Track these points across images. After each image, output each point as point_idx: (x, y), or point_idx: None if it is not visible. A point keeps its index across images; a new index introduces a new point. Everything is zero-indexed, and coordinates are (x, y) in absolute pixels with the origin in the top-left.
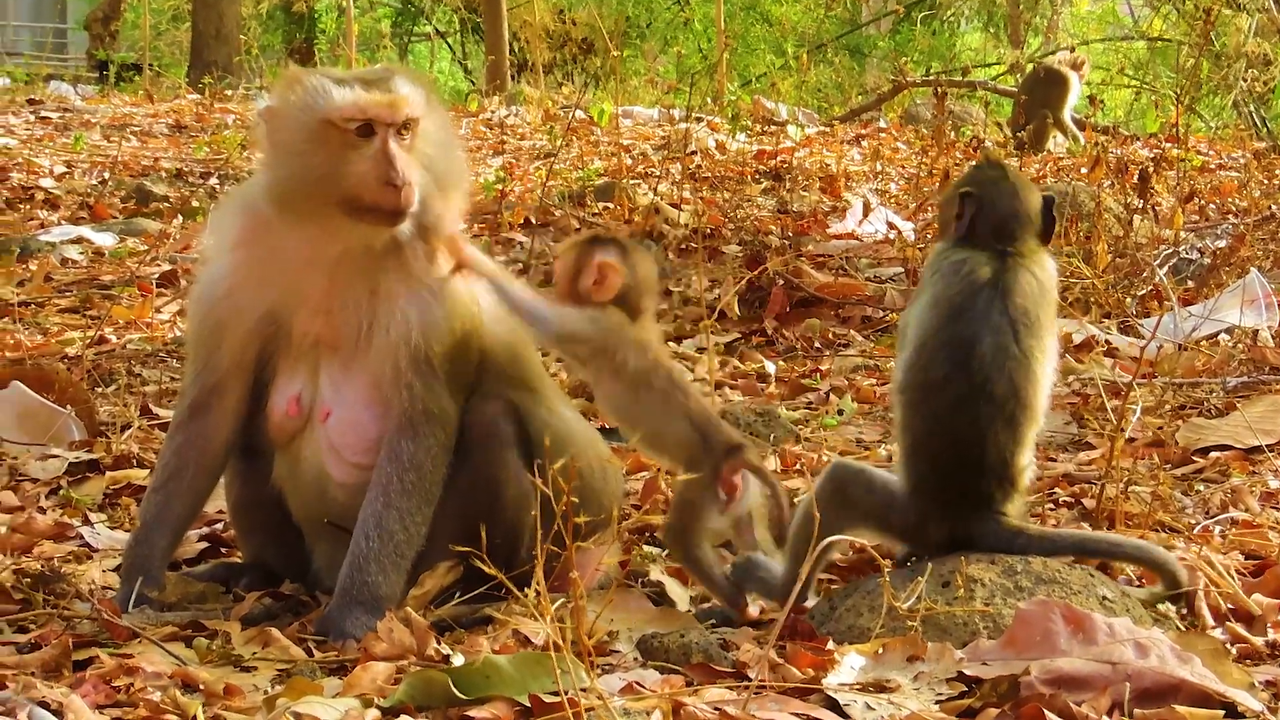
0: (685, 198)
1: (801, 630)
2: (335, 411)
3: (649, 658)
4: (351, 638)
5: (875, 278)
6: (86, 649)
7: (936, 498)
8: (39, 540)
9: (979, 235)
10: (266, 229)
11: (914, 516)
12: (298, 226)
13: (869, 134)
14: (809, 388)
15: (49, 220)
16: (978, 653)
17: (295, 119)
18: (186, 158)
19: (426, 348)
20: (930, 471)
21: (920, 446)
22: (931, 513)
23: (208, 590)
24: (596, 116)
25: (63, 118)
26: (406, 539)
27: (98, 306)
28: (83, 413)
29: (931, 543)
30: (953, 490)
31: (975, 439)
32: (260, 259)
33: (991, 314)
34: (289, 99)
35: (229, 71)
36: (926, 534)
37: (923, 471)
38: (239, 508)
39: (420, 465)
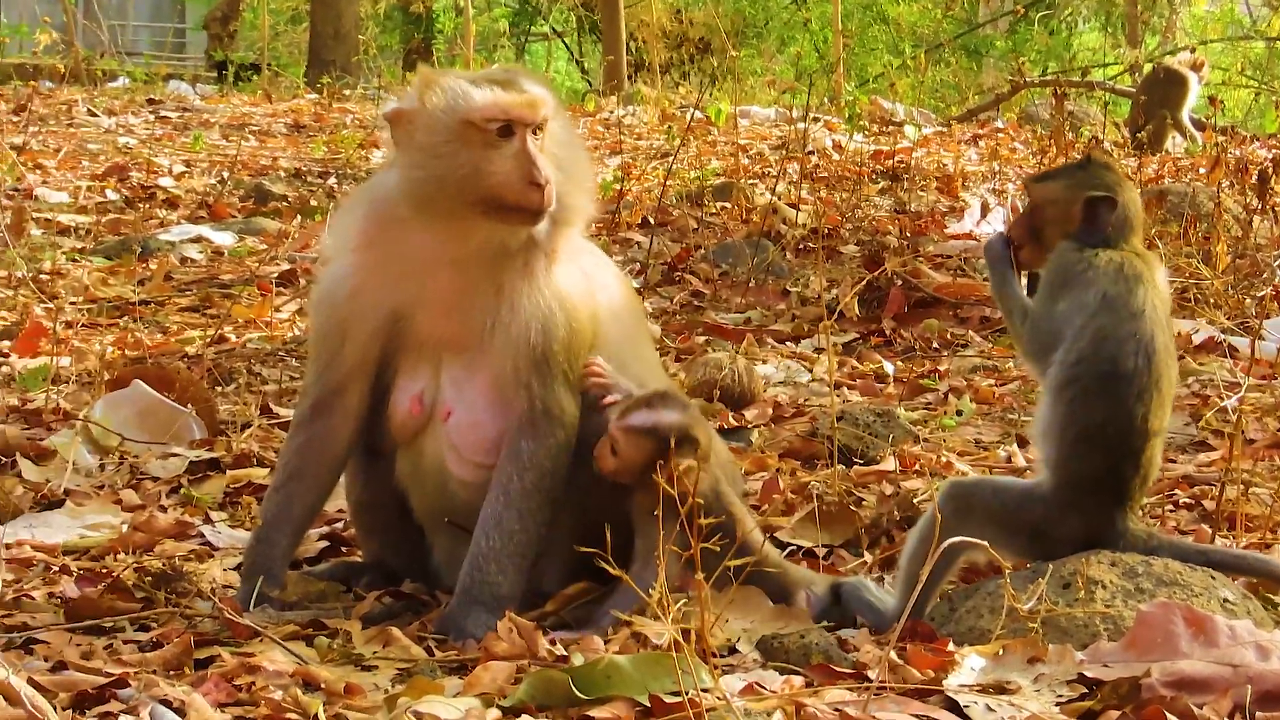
0: (803, 198)
1: (922, 631)
2: (456, 411)
3: (769, 658)
4: (472, 637)
5: None
6: (208, 647)
7: (1086, 490)
8: (160, 539)
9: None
10: (393, 229)
11: (1054, 511)
12: (430, 226)
13: (986, 134)
14: (927, 388)
15: (169, 219)
16: (1098, 654)
17: (434, 120)
18: (304, 157)
19: (546, 347)
20: (1090, 463)
21: (1090, 437)
22: (1074, 506)
23: (328, 589)
24: (714, 116)
25: (182, 117)
26: (527, 539)
27: (217, 305)
28: (203, 411)
29: (1062, 540)
30: (1106, 483)
31: (1144, 432)
32: (386, 259)
33: (1158, 313)
34: (426, 100)
35: (347, 71)
36: (1059, 531)
37: (1081, 463)
38: (359, 507)
39: (541, 465)
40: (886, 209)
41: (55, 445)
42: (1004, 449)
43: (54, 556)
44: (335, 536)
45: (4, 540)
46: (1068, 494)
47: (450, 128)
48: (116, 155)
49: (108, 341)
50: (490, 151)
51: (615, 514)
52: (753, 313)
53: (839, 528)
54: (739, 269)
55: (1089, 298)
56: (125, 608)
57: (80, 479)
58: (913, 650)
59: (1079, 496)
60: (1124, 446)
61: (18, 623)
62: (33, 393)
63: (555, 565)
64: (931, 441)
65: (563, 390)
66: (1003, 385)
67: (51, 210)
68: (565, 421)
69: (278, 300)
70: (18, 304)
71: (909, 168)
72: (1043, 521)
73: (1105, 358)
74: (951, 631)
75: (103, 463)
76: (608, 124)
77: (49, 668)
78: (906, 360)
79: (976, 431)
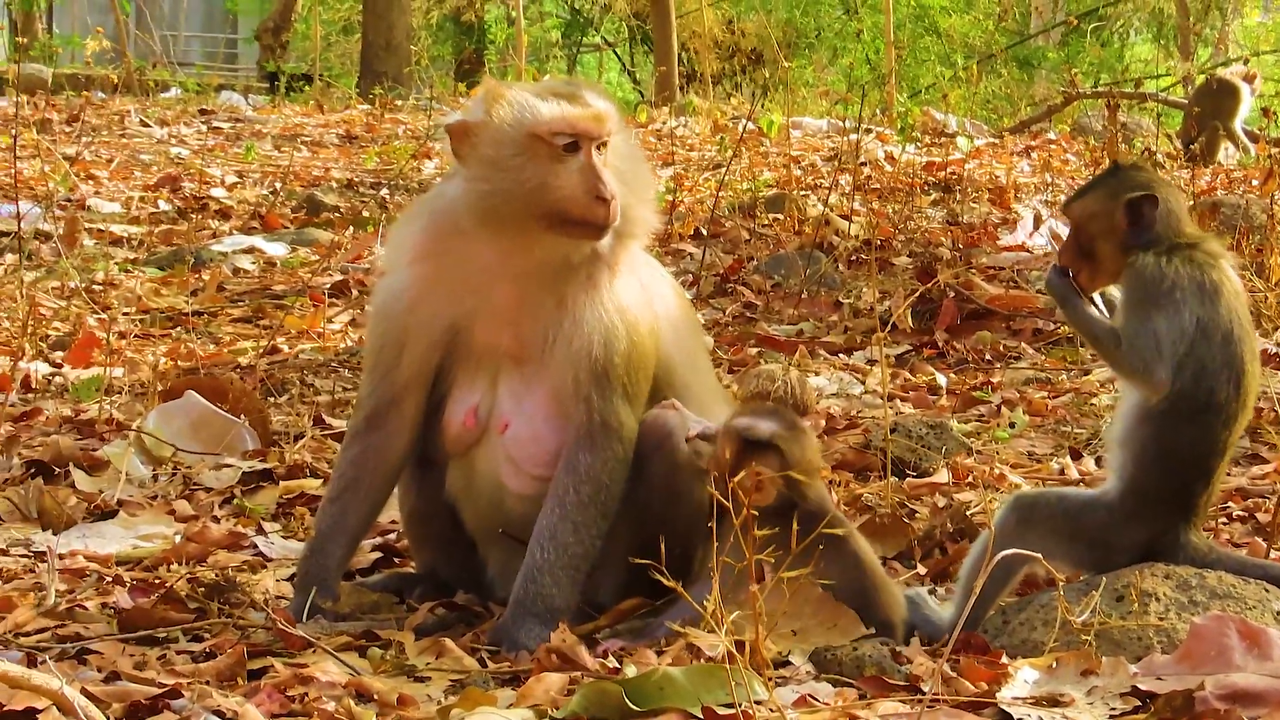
0: (855, 209)
1: (975, 644)
2: (514, 424)
3: (822, 670)
4: (525, 648)
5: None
6: (261, 658)
7: (1153, 502)
8: (213, 549)
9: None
10: (453, 241)
11: (1117, 518)
12: (494, 239)
13: (1039, 145)
14: (980, 400)
15: (221, 230)
16: (1152, 667)
17: (501, 133)
18: (357, 168)
19: (607, 360)
20: (1164, 479)
21: (1170, 456)
22: (1138, 517)
23: (381, 600)
24: (766, 127)
25: (234, 128)
26: (582, 551)
27: (270, 316)
28: (256, 422)
29: (1123, 549)
30: (1174, 497)
31: (1223, 452)
32: (446, 271)
33: (1242, 321)
34: (493, 113)
35: (399, 82)
36: (1121, 540)
37: (1154, 478)
38: (413, 518)
39: (597, 478)
40: (939, 220)
41: (108, 456)
42: (1057, 461)
43: (107, 567)
44: (388, 548)
45: (57, 550)
46: (1133, 504)
47: (517, 141)
48: (169, 166)
49: (161, 352)
50: (556, 165)
51: (671, 527)
52: (805, 324)
53: (892, 540)
54: (791, 280)
55: (1184, 322)
56: (178, 618)
57: (133, 489)
58: (966, 662)
59: (1144, 507)
60: (1201, 466)
61: (71, 633)
62: (86, 403)
63: (610, 578)
64: (985, 454)
65: (621, 404)
66: (1056, 397)
67: (104, 221)
68: (623, 435)
69: (330, 311)
70: (71, 315)
71: (961, 179)
72: (1105, 529)
73: (1203, 390)
74: (1005, 644)
75: (156, 473)
76: (660, 135)
77: (102, 678)
78: (959, 372)
79: (1030, 443)
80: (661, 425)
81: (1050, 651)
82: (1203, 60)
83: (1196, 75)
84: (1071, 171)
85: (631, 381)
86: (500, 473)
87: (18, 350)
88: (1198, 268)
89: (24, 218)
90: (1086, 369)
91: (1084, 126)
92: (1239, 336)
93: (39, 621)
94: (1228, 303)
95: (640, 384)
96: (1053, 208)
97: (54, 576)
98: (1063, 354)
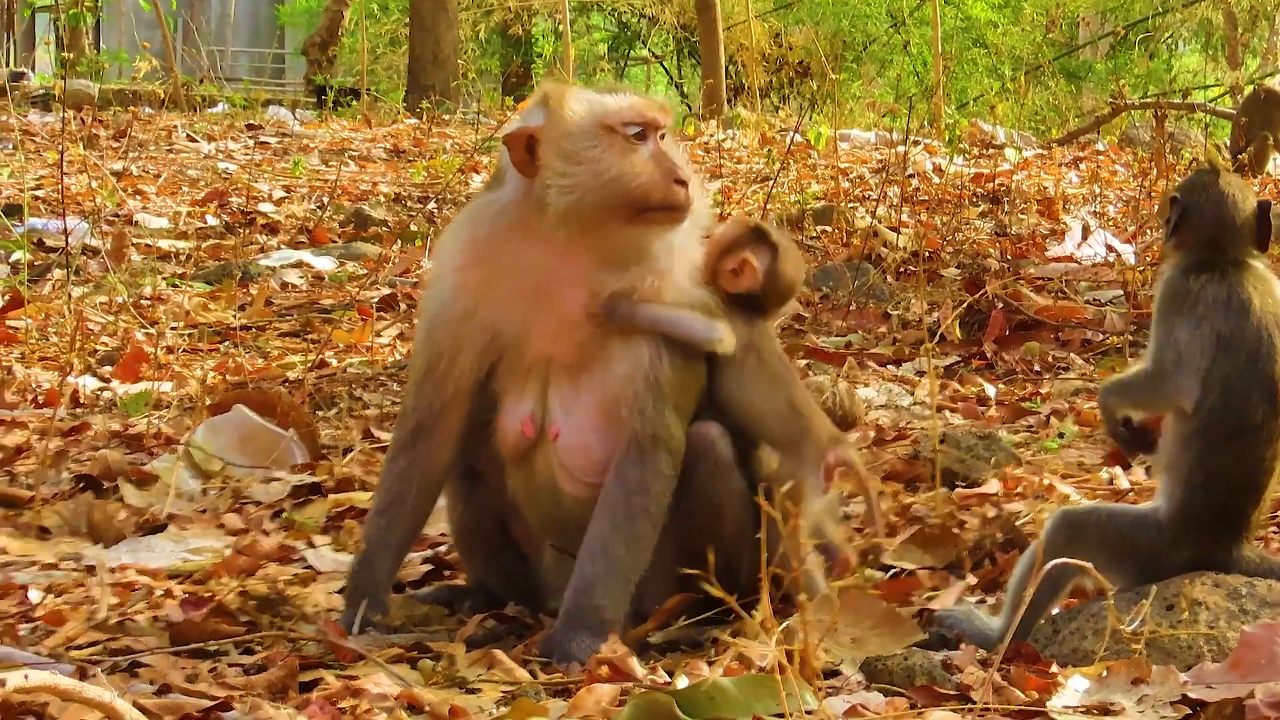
0: (903, 221)
1: (1025, 653)
2: (564, 432)
3: (873, 680)
4: (576, 660)
5: (1095, 301)
6: (312, 670)
7: (1204, 521)
8: (263, 562)
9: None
10: (507, 246)
11: (1167, 537)
12: (567, 241)
13: (1087, 156)
14: (1029, 411)
15: (269, 244)
16: (1202, 676)
17: (571, 130)
18: (404, 182)
19: (660, 370)
20: (1214, 501)
21: (1218, 479)
22: (1188, 537)
23: (432, 612)
24: (814, 140)
25: (281, 142)
26: (632, 562)
27: (318, 330)
28: (304, 436)
29: (1173, 567)
30: (1225, 516)
31: (1272, 470)
32: (499, 278)
33: (1275, 339)
34: (562, 112)
35: (446, 96)
36: (1171, 558)
37: (1204, 501)
38: (462, 530)
39: (648, 489)
40: (987, 232)
41: (157, 470)
42: (1106, 471)
43: (158, 580)
44: (438, 560)
45: (108, 564)
46: (1183, 527)
47: (589, 134)
48: (216, 181)
49: (209, 367)
50: (630, 155)
51: (716, 536)
52: (854, 336)
53: (941, 550)
54: (840, 292)
55: (1203, 336)
56: (229, 631)
57: (183, 503)
58: (1016, 672)
59: (1194, 529)
60: (1250, 485)
61: (122, 646)
62: (134, 418)
63: (655, 589)
64: (1034, 464)
65: (673, 415)
66: None
67: (152, 236)
68: (673, 447)
69: (378, 325)
70: (119, 329)
71: (1009, 190)
72: (1154, 547)
73: (1233, 411)
74: (1055, 653)
75: (205, 487)
76: (707, 148)
77: (154, 691)
78: (1008, 383)
79: (1079, 454)
80: (704, 436)
81: (1100, 660)
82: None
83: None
84: (1120, 182)
85: (685, 392)
86: (557, 477)
87: (66, 365)
88: (1230, 288)
89: (71, 233)
90: None
91: (1132, 138)
92: (1267, 353)
93: (90, 635)
94: (1258, 319)
95: (691, 394)
96: (1101, 218)
97: (105, 590)
98: (1112, 364)
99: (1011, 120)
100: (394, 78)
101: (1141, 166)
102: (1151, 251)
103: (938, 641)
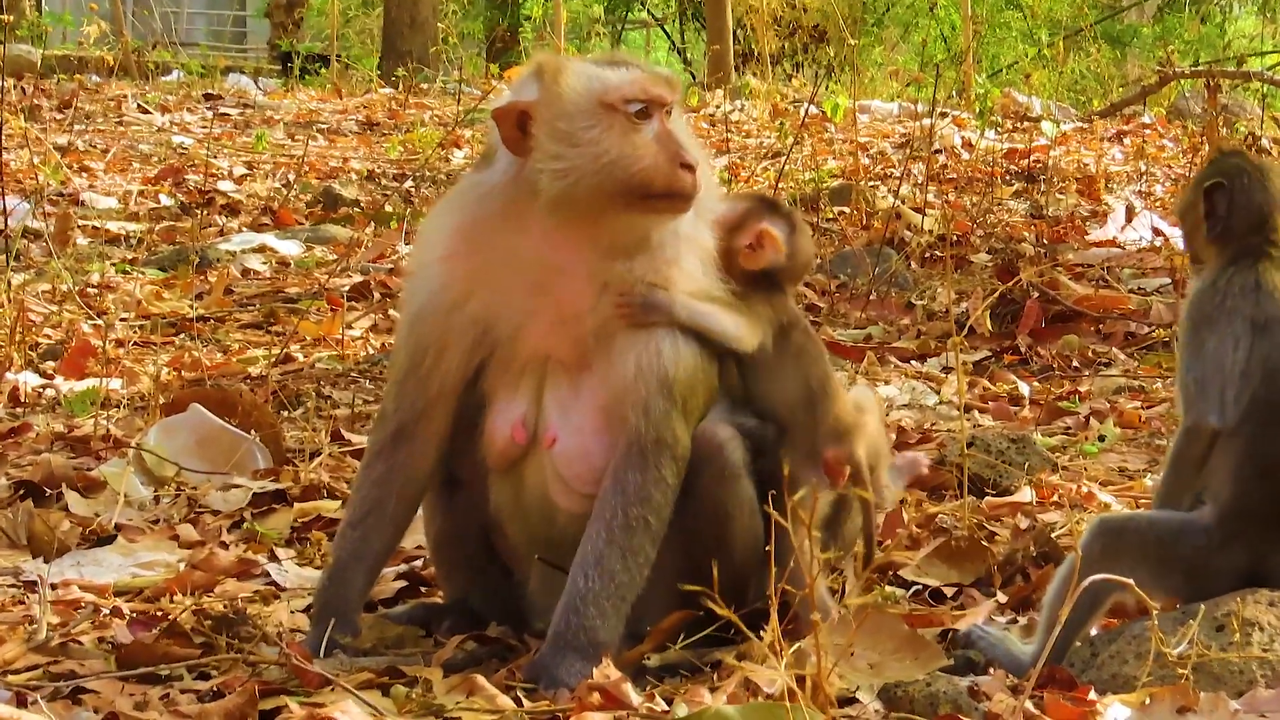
0: (929, 201)
1: (1060, 679)
2: (561, 437)
3: (892, 708)
4: (565, 686)
5: (1140, 289)
6: (274, 697)
7: (1254, 521)
8: (221, 578)
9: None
10: (499, 234)
11: (1215, 541)
12: (560, 228)
13: (1132, 130)
14: (1067, 411)
15: (229, 227)
16: (1255, 703)
17: (567, 107)
18: (378, 158)
19: (668, 369)
20: (1263, 496)
21: (1267, 473)
22: (1238, 537)
23: (406, 633)
24: (830, 112)
25: (243, 114)
26: (629, 579)
27: (283, 322)
28: (268, 438)
29: (1222, 573)
30: (1276, 514)
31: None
32: (491, 268)
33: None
34: (558, 87)
35: (424, 63)
36: (1220, 563)
37: (1254, 497)
38: (441, 543)
39: (648, 499)
40: (1021, 213)
41: (105, 476)
42: (1150, 478)
43: (104, 598)
44: (414, 576)
45: (49, 580)
46: (1233, 525)
47: (587, 113)
48: (171, 156)
49: (162, 362)
50: (631, 136)
51: (722, 550)
52: (874, 328)
53: (969, 565)
54: (859, 280)
55: (1236, 328)
56: (183, 654)
57: (133, 513)
58: (1050, 699)
59: (1245, 527)
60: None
61: (65, 670)
62: (80, 418)
63: (656, 607)
64: (1071, 470)
65: (679, 418)
66: (1150, 408)
67: (99, 217)
68: (678, 453)
69: (349, 316)
70: (63, 321)
71: (1046, 168)
72: (1202, 554)
73: (1276, 391)
74: (1093, 679)
75: (157, 495)
76: (713, 120)
77: (99, 719)
78: (1044, 380)
79: (1121, 459)
80: (711, 438)
81: (1143, 687)
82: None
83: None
84: (1167, 159)
85: (693, 394)
86: (550, 490)
87: (5, 360)
88: (1259, 277)
89: (11, 214)
90: None
91: (1181, 109)
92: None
93: (30, 658)
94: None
95: (700, 396)
96: (1147, 199)
97: (46, 608)
98: (1158, 359)
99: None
100: (367, 43)
101: (1192, 142)
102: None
103: (964, 666)
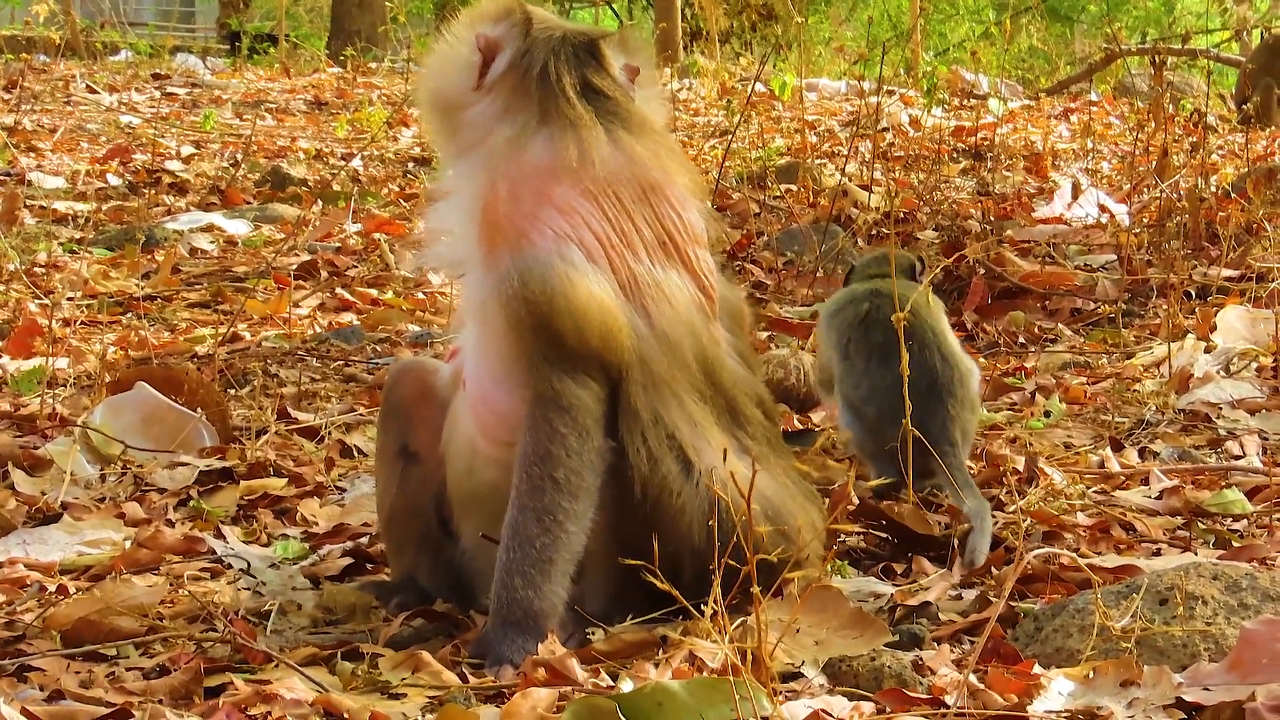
0: (876, 179)
1: (1004, 653)
2: (469, 382)
3: (836, 682)
4: (509, 663)
5: (1086, 266)
6: (219, 674)
7: None
8: (167, 556)
9: None
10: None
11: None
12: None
13: (1079, 108)
14: (1013, 387)
15: (176, 206)
16: (1198, 677)
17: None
18: (326, 137)
19: (558, 318)
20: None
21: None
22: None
23: (358, 603)
24: (778, 90)
25: (190, 94)
26: (551, 541)
27: (230, 300)
28: (214, 417)
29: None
30: None
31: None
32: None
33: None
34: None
35: (373, 42)
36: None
37: None
38: (393, 518)
39: (547, 456)
40: (968, 191)
41: (51, 454)
42: (1096, 453)
43: (50, 576)
44: (360, 553)
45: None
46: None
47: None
48: (118, 136)
49: (109, 340)
50: None
51: (663, 526)
52: (820, 305)
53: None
54: (805, 257)
55: None
56: (128, 631)
57: (79, 491)
58: (994, 673)
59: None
60: None
61: (10, 648)
62: (26, 397)
63: (597, 585)
64: (1017, 444)
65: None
66: (1096, 384)
67: (46, 197)
68: (575, 412)
69: (296, 294)
70: (10, 300)
71: (993, 145)
72: None
73: None
74: (1037, 653)
75: (104, 473)
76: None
77: (44, 697)
78: (990, 356)
79: (1066, 434)
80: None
81: (1087, 660)
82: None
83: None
84: (1114, 136)
85: (583, 343)
86: (473, 431)
87: None
88: None
89: None
90: (1130, 352)
91: (1128, 87)
92: None
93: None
94: None
95: (600, 348)
96: (1094, 176)
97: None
98: (1103, 335)
99: (995, 68)
100: (316, 22)
101: (1138, 119)
102: (1149, 211)
103: (909, 641)
